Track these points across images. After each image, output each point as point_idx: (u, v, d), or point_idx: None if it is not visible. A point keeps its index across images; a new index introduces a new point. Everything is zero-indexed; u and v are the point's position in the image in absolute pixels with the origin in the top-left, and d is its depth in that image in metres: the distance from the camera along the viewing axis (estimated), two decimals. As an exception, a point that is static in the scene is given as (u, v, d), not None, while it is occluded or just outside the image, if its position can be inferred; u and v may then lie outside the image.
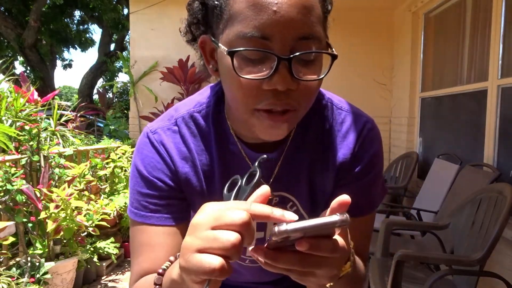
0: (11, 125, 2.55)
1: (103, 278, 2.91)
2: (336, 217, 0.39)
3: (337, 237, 0.46)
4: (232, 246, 0.40)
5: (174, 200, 0.68)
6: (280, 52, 0.51)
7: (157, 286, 0.54)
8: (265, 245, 0.44)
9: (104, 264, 2.91)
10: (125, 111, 7.89)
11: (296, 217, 0.41)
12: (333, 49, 0.57)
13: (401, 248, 1.98)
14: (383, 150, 0.73)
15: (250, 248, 0.45)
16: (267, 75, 0.52)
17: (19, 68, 14.51)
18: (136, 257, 0.67)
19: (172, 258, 0.57)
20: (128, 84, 4.79)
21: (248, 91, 0.54)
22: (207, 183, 0.69)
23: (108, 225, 2.72)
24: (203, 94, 0.72)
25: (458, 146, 3.19)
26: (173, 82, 4.36)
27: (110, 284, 2.85)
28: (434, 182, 3.14)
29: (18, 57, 11.90)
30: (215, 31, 0.59)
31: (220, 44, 0.56)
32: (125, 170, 3.39)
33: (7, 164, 2.37)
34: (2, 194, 2.24)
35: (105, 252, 2.73)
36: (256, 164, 0.56)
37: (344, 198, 0.44)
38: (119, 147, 3.65)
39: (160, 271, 0.55)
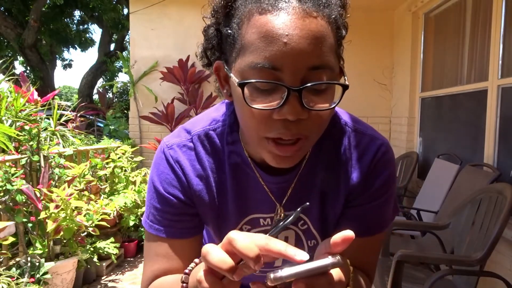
0: (11, 125, 2.55)
1: (103, 278, 2.91)
2: (328, 261, 0.43)
3: (333, 270, 0.46)
4: (229, 272, 0.44)
5: (187, 216, 0.70)
6: (291, 82, 0.52)
7: (184, 284, 0.56)
8: (267, 281, 0.46)
9: (104, 264, 2.91)
10: (125, 111, 7.89)
11: (307, 256, 0.43)
12: (346, 77, 0.58)
13: (401, 248, 1.98)
14: (395, 172, 0.74)
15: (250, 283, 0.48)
16: (277, 106, 0.52)
17: (19, 68, 14.49)
18: (150, 264, 0.71)
19: (197, 260, 0.58)
20: (128, 84, 4.79)
21: (259, 120, 0.55)
22: (220, 201, 0.71)
23: (108, 225, 2.72)
24: (219, 111, 0.73)
25: (458, 146, 3.19)
26: (173, 82, 4.36)
27: (110, 284, 2.85)
28: (434, 182, 3.14)
29: (18, 57, 11.88)
30: (228, 58, 0.60)
31: (231, 74, 0.57)
32: (125, 170, 3.39)
33: (7, 164, 2.37)
34: (2, 194, 2.24)
35: (105, 252, 2.73)
36: (299, 209, 0.57)
37: (348, 234, 0.45)
38: (119, 147, 3.65)
39: (187, 271, 0.57)
